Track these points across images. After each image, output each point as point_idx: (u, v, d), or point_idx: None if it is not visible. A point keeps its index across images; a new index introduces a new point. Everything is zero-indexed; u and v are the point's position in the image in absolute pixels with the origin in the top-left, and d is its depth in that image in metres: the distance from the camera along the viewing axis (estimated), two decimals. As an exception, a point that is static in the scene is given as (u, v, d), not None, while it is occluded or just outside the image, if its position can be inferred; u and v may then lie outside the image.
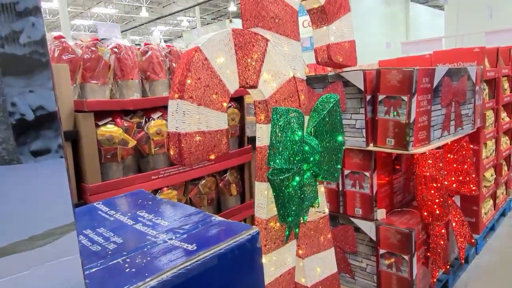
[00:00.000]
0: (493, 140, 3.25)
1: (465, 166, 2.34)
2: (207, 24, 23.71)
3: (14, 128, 0.53)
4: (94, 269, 0.76)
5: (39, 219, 0.56)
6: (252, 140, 2.47)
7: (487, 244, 3.23)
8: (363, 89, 1.91)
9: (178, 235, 0.89)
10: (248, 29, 1.38)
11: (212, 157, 1.18)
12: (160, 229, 0.95)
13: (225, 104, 1.20)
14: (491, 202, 3.39)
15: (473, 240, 2.61)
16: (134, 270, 0.74)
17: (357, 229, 2.14)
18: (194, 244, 0.83)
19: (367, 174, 2.05)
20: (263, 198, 1.40)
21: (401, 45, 9.11)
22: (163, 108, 2.06)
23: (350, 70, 2.00)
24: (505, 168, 3.66)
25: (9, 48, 0.52)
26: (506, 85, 3.44)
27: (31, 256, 0.56)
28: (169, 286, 0.71)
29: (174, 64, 2.40)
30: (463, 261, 2.54)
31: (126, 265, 0.76)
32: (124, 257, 0.80)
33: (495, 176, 3.36)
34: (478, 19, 9.67)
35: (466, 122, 2.44)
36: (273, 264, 1.48)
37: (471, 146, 2.50)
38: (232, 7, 18.55)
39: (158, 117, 1.97)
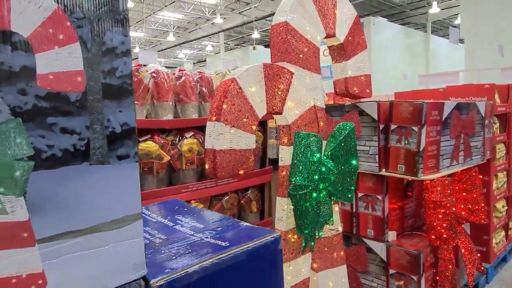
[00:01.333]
0: (504, 173, 3.31)
1: (474, 195, 2.43)
2: (231, 49, 24.25)
3: (107, 138, 0.70)
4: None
5: (118, 207, 0.73)
6: (273, 161, 2.63)
7: (499, 274, 3.24)
8: (377, 119, 2.06)
9: (212, 235, 1.04)
10: (276, 63, 1.56)
11: (241, 172, 1.34)
12: (196, 230, 1.10)
13: (254, 127, 1.37)
14: (503, 233, 3.41)
15: (482, 268, 2.66)
16: (179, 257, 0.89)
17: (369, 250, 2.23)
18: (227, 242, 0.97)
19: (380, 197, 2.16)
20: (283, 212, 1.54)
21: (418, 77, 9.22)
22: (195, 128, 2.25)
23: (366, 101, 2.15)
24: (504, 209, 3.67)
25: (109, 80, 0.70)
26: (517, 120, 3.51)
27: (110, 235, 0.72)
28: (208, 272, 0.86)
29: (204, 89, 2.61)
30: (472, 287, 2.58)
31: (172, 255, 0.91)
32: (169, 249, 0.95)
33: (507, 207, 3.40)
34: (495, 54, 9.74)
35: (475, 154, 2.54)
36: (290, 273, 1.60)
37: (481, 176, 2.59)
38: (256, 35, 18.96)
39: (190, 136, 2.16)
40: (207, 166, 1.29)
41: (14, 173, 0.59)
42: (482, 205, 2.46)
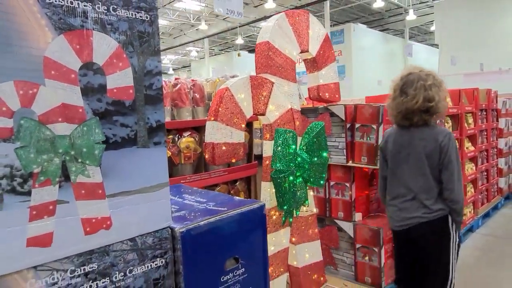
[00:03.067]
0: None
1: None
2: (215, 55, 24.16)
3: (147, 130, 1.02)
4: (167, 218, 1.23)
5: (154, 177, 1.04)
6: (258, 157, 2.95)
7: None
8: (344, 119, 2.41)
9: (213, 204, 1.36)
10: (259, 74, 1.89)
11: (233, 160, 1.66)
12: (200, 202, 1.42)
13: (243, 125, 1.70)
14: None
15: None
16: (192, 217, 1.20)
17: (340, 229, 2.58)
18: (225, 207, 1.29)
19: (348, 184, 2.51)
20: (267, 193, 1.87)
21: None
22: (191, 129, 2.56)
23: (335, 104, 2.51)
24: (472, 190, 4.10)
25: (148, 91, 1.02)
26: (470, 119, 3.93)
27: (149, 196, 1.03)
28: (212, 226, 1.18)
29: (197, 95, 2.92)
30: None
31: (186, 215, 1.23)
32: (182, 213, 1.26)
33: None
34: (466, 60, 10.28)
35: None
36: (272, 243, 1.93)
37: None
38: (239, 40, 18.92)
39: (188, 135, 2.47)
40: (207, 156, 1.61)
41: (94, 151, 0.90)
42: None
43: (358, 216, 2.54)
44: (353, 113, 2.45)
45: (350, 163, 2.45)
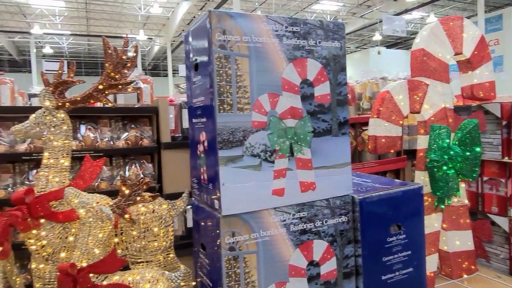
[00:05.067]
0: None
1: None
2: (350, 52, 23.15)
3: (338, 124, 1.40)
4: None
5: (341, 157, 1.42)
6: (406, 152, 3.10)
7: None
8: (500, 116, 2.39)
9: (378, 183, 1.67)
10: (415, 77, 2.11)
11: (392, 151, 1.93)
12: (367, 181, 1.74)
13: (400, 122, 1.95)
14: None
15: None
16: (364, 190, 1.54)
17: (493, 223, 2.55)
18: (390, 186, 1.59)
19: (503, 180, 2.47)
20: (420, 181, 2.08)
21: None
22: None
23: (490, 102, 2.50)
24: None
25: (338, 97, 1.40)
26: None
27: (338, 171, 1.41)
28: (381, 197, 1.49)
29: (348, 95, 3.22)
30: None
31: (359, 190, 1.57)
32: (355, 188, 1.61)
33: None
34: None
35: None
36: (425, 225, 2.12)
37: None
38: (377, 36, 17.53)
39: (365, 130, 2.82)
40: (369, 147, 1.92)
41: (307, 138, 1.32)
42: None
43: (514, 212, 2.47)
44: (510, 110, 2.41)
45: (506, 159, 2.42)
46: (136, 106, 2.20)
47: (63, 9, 14.38)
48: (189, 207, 1.82)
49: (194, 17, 15.22)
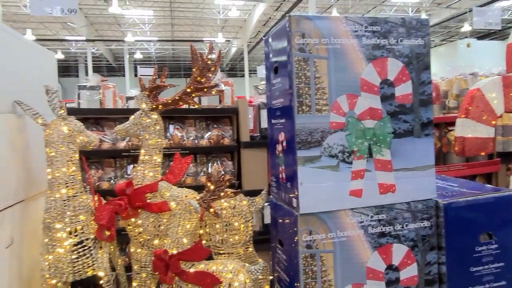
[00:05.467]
0: None
1: None
2: (435, 46, 21.12)
3: (421, 125, 1.34)
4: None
5: (424, 159, 1.35)
6: (500, 155, 2.81)
7: None
8: None
9: (465, 188, 1.56)
10: (511, 73, 1.91)
11: (482, 153, 1.79)
12: (453, 186, 1.63)
13: (493, 122, 1.79)
14: None
15: None
16: (449, 195, 1.45)
17: None
18: (480, 191, 1.48)
19: None
20: (517, 186, 1.88)
21: None
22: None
23: None
24: None
25: (421, 97, 1.33)
26: None
27: (421, 173, 1.34)
28: (469, 203, 1.39)
29: (433, 93, 3.04)
30: None
31: (444, 194, 1.48)
32: (439, 192, 1.52)
33: None
34: None
35: None
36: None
37: None
38: (466, 27, 15.70)
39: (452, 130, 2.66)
40: (456, 148, 1.80)
41: (387, 139, 1.29)
42: None
43: None
44: None
45: None
46: (218, 107, 2.33)
47: (151, 17, 15.63)
48: (267, 204, 1.88)
49: (270, 18, 15.43)
